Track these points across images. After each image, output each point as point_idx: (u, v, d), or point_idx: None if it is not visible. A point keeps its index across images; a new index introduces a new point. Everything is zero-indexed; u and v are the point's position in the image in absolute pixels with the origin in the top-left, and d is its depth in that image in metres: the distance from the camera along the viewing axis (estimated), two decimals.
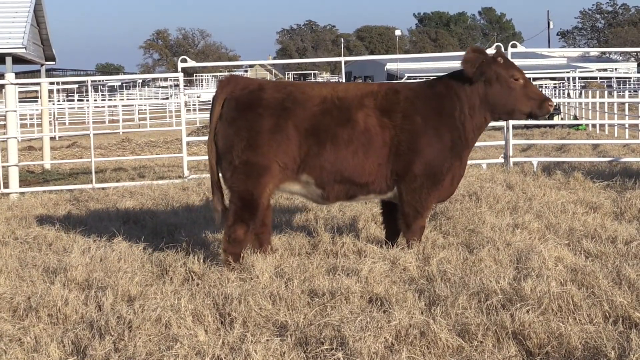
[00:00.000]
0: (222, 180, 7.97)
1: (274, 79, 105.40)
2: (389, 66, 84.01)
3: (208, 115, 37.20)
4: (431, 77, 8.87)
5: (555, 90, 44.92)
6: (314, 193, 8.01)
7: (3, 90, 18.26)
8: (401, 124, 7.89)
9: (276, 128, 7.71)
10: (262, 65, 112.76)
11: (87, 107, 44.12)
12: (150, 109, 50.06)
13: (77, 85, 66.72)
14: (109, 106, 48.93)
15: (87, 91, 62.11)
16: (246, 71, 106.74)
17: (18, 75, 45.18)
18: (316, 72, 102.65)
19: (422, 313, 6.04)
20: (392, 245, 8.20)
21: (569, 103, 37.57)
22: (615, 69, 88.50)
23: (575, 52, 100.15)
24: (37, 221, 10.65)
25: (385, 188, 8.01)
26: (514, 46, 16.01)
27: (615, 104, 29.90)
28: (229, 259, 7.66)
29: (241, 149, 7.68)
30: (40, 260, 8.18)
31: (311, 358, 5.41)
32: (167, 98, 63.16)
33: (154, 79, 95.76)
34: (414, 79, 58.32)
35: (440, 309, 6.08)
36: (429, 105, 8.05)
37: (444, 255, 7.67)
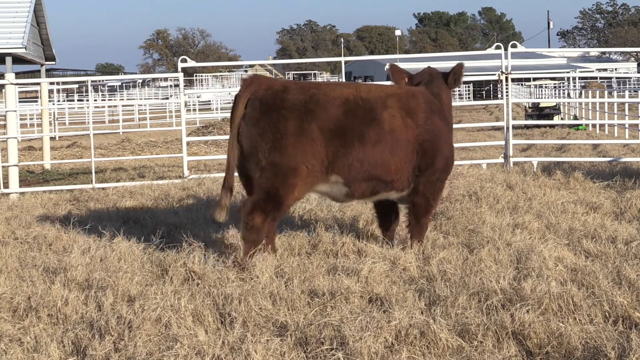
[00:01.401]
0: (231, 180, 7.93)
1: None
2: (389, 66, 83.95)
3: (208, 116, 37.01)
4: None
5: (555, 90, 44.92)
6: (339, 192, 8.16)
7: (3, 90, 18.26)
8: (424, 123, 8.27)
9: (301, 130, 7.78)
10: (262, 65, 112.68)
11: (87, 107, 44.13)
12: (150, 109, 50.07)
13: (77, 85, 66.73)
14: (109, 106, 48.93)
15: (87, 91, 62.12)
16: (246, 71, 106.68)
17: (18, 75, 45.18)
18: (316, 72, 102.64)
19: (422, 313, 6.04)
20: (391, 242, 8.36)
21: (569, 103, 37.57)
22: (615, 69, 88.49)
23: (575, 52, 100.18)
24: (37, 221, 10.65)
25: (405, 185, 8.30)
26: (514, 46, 16.00)
27: (615, 104, 29.91)
28: (248, 247, 7.71)
29: (267, 151, 7.74)
30: (40, 260, 8.18)
31: (311, 358, 5.41)
32: (167, 98, 63.19)
33: (154, 79, 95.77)
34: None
35: (440, 309, 6.08)
36: (437, 106, 8.56)
37: (444, 255, 7.68)
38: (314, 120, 7.82)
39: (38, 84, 29.69)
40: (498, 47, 15.84)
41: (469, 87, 76.32)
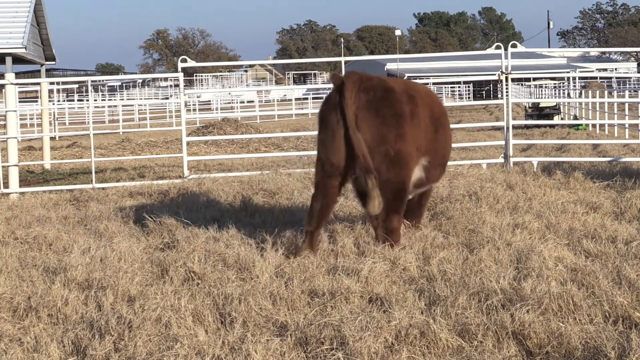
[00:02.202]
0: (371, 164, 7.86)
1: (273, 79, 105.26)
2: (389, 66, 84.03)
3: (208, 116, 36.93)
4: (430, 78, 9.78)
5: (555, 90, 44.93)
6: (416, 178, 8.38)
7: (3, 90, 18.25)
8: (446, 118, 9.06)
9: (413, 114, 8.10)
10: (262, 65, 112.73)
11: (87, 107, 44.13)
12: (150, 109, 50.09)
13: (77, 85, 66.79)
14: (109, 106, 48.96)
15: (87, 91, 62.14)
16: (246, 71, 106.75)
17: (18, 75, 45.15)
18: (316, 72, 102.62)
19: (422, 313, 6.04)
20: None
21: (569, 103, 37.57)
22: (615, 69, 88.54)
23: (575, 52, 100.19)
24: (37, 221, 10.65)
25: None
26: (514, 46, 16.00)
27: (615, 104, 29.91)
28: (393, 244, 7.98)
29: (393, 139, 7.89)
30: (40, 260, 8.18)
31: (311, 358, 5.41)
32: (167, 98, 63.18)
33: (154, 79, 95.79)
34: (414, 79, 58.26)
35: (440, 309, 6.08)
36: None
37: (444, 255, 7.68)
38: (418, 105, 8.21)
39: (38, 84, 29.69)
40: (498, 47, 15.83)
41: (469, 87, 76.32)
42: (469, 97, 75.07)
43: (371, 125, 7.82)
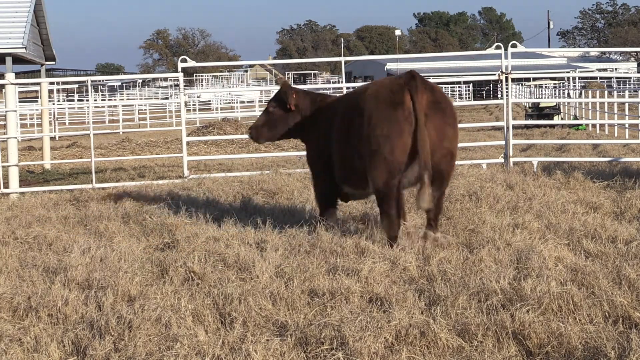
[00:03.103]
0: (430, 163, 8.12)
1: (273, 79, 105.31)
2: (389, 66, 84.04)
3: (208, 116, 36.86)
4: (431, 78, 9.85)
5: (555, 90, 44.92)
6: None
7: (3, 90, 18.25)
8: None
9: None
10: (262, 65, 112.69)
11: (87, 107, 44.14)
12: (150, 109, 50.08)
13: (77, 85, 66.77)
14: (109, 106, 48.95)
15: (87, 91, 62.13)
16: (246, 71, 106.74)
17: (18, 75, 45.15)
18: (316, 72, 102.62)
19: (422, 313, 6.04)
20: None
21: (569, 103, 37.56)
22: (615, 69, 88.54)
23: (575, 52, 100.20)
24: (37, 221, 10.65)
25: None
26: (514, 46, 15.99)
27: (615, 104, 29.90)
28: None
29: (452, 138, 8.39)
30: (40, 260, 8.18)
31: (311, 358, 5.41)
32: (167, 98, 63.18)
33: (154, 79, 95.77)
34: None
35: (440, 309, 6.08)
36: None
37: (444, 255, 7.68)
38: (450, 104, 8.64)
39: (38, 84, 29.68)
40: (498, 47, 15.83)
41: (469, 87, 76.31)
42: (469, 97, 75.05)
43: (437, 124, 8.18)
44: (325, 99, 9.60)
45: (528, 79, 54.63)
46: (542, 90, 47.40)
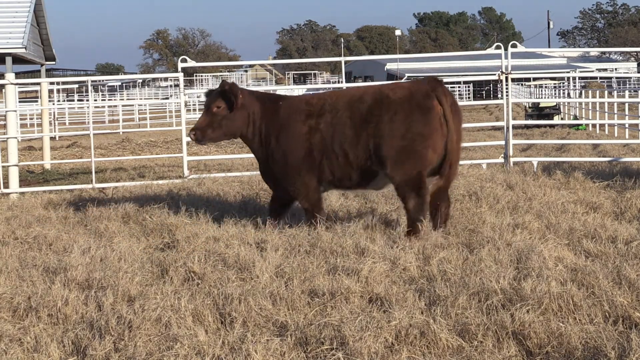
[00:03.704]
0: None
1: (273, 79, 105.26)
2: (389, 66, 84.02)
3: None
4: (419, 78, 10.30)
5: (555, 90, 44.92)
6: None
7: (3, 90, 18.26)
8: None
9: None
10: (262, 65, 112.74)
11: (87, 107, 44.13)
12: (150, 109, 50.09)
13: (77, 85, 66.74)
14: (109, 106, 48.95)
15: (87, 91, 62.15)
16: (246, 71, 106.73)
17: (18, 75, 45.16)
18: (316, 72, 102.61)
19: (422, 313, 6.04)
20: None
21: (569, 103, 37.57)
22: (615, 69, 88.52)
23: (575, 52, 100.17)
24: (37, 221, 10.65)
25: None
26: (514, 46, 15.99)
27: (615, 104, 29.90)
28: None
29: (461, 139, 9.23)
30: (40, 260, 8.17)
31: (311, 358, 5.41)
32: (167, 98, 63.17)
33: (154, 79, 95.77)
34: (414, 79, 58.20)
35: (440, 309, 6.08)
36: None
37: (444, 255, 7.67)
38: None
39: (38, 84, 29.69)
40: (498, 47, 15.83)
41: (469, 87, 76.33)
42: (469, 97, 75.01)
43: (457, 125, 9.02)
44: (280, 99, 9.77)
45: (528, 79, 54.60)
46: (542, 90, 47.40)
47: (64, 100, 56.84)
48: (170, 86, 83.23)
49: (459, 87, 74.21)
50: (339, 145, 9.12)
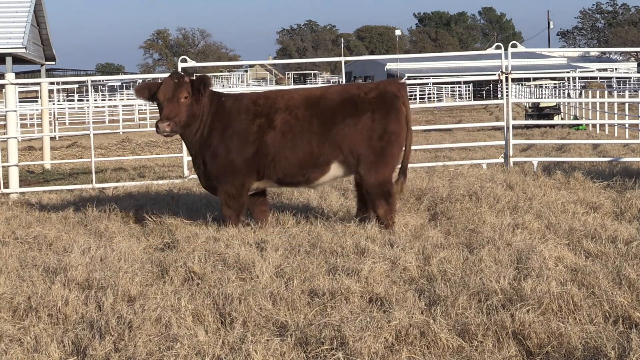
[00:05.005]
0: None
1: (273, 79, 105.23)
2: (389, 66, 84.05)
3: None
4: (430, 77, 10.36)
5: (555, 90, 44.93)
6: None
7: (3, 90, 18.25)
8: None
9: None
10: (262, 65, 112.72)
11: (87, 107, 44.12)
12: (150, 109, 50.04)
13: (77, 85, 66.71)
14: (109, 106, 48.94)
15: (87, 91, 62.13)
16: (246, 71, 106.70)
17: (18, 75, 45.15)
18: (316, 72, 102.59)
19: (422, 313, 6.04)
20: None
21: (569, 103, 37.57)
22: (615, 69, 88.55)
23: (575, 52, 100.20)
24: (37, 221, 10.64)
25: None
26: (514, 46, 15.99)
27: (615, 104, 29.90)
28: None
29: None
30: (40, 260, 8.17)
31: (311, 358, 5.41)
32: None
33: (154, 79, 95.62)
34: (414, 78, 58.29)
35: (440, 309, 6.08)
36: None
37: (444, 255, 7.67)
38: None
39: (38, 84, 29.69)
40: (498, 47, 15.83)
41: (469, 87, 76.36)
42: (469, 97, 75.05)
43: (410, 127, 9.51)
44: (224, 95, 9.75)
45: (528, 79, 54.62)
46: (542, 90, 47.39)
47: (64, 100, 56.84)
48: None
49: (459, 87, 74.24)
50: (299, 143, 9.25)
